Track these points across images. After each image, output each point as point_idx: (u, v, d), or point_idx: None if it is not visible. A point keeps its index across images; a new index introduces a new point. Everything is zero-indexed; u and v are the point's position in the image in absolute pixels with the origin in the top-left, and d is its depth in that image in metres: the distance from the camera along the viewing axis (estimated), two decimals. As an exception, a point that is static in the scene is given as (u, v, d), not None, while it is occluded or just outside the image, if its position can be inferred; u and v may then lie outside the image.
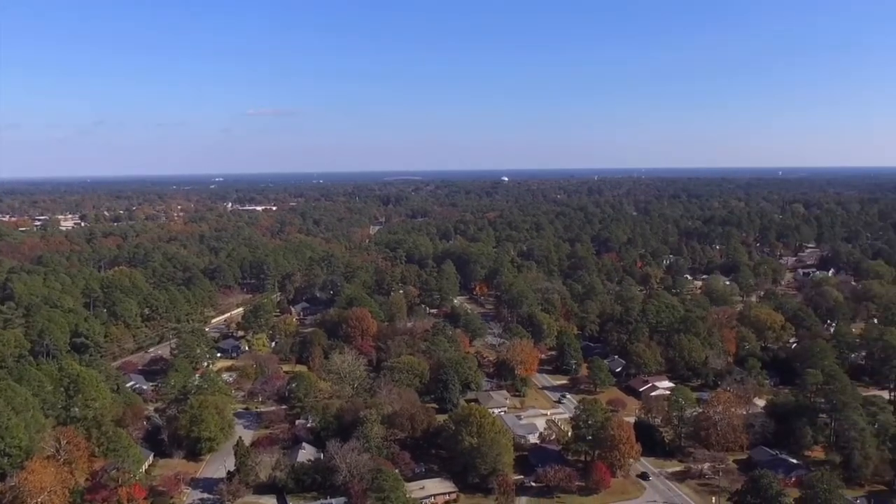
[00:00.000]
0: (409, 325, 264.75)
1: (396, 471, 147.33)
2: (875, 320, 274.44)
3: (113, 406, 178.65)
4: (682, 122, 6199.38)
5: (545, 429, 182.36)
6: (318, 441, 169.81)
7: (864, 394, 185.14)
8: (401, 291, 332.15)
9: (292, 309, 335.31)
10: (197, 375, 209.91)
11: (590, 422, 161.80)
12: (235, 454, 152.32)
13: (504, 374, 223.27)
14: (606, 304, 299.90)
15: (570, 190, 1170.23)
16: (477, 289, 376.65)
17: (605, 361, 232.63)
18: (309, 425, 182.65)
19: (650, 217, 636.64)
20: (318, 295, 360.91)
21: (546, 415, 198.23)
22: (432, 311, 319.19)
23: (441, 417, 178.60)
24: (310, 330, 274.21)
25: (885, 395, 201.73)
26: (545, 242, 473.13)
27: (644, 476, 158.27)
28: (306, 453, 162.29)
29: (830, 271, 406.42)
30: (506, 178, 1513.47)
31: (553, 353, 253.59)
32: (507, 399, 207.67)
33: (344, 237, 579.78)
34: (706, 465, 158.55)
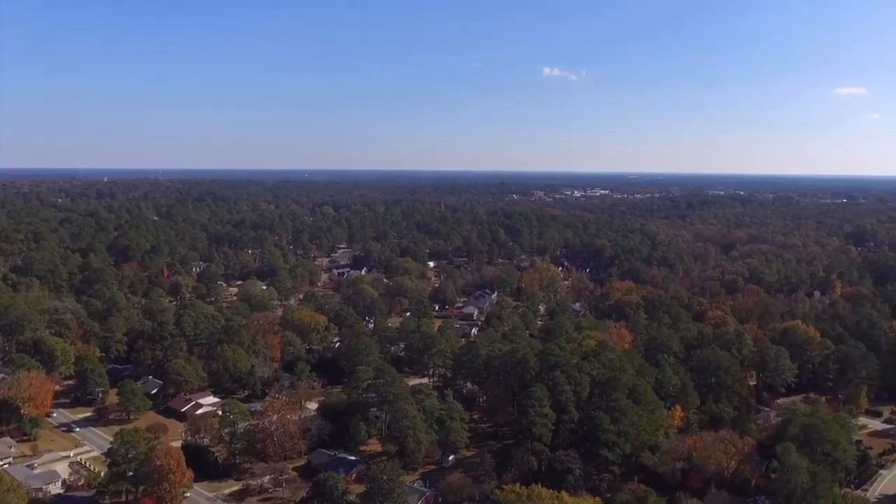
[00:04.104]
0: None
1: None
2: (409, 313, 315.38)
3: None
4: (203, 122, 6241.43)
5: (70, 474, 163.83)
6: None
7: (410, 383, 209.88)
8: None
9: None
10: None
11: (130, 455, 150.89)
12: None
13: (7, 416, 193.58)
14: (134, 319, 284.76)
15: (74, 193, 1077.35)
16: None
17: (139, 384, 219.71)
18: None
19: (174, 222, 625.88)
20: None
21: (69, 457, 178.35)
22: None
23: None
24: None
25: (426, 381, 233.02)
26: (48, 254, 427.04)
27: None
28: None
29: (364, 270, 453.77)
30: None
31: (72, 382, 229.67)
32: (12, 447, 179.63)
33: None
34: (266, 479, 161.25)
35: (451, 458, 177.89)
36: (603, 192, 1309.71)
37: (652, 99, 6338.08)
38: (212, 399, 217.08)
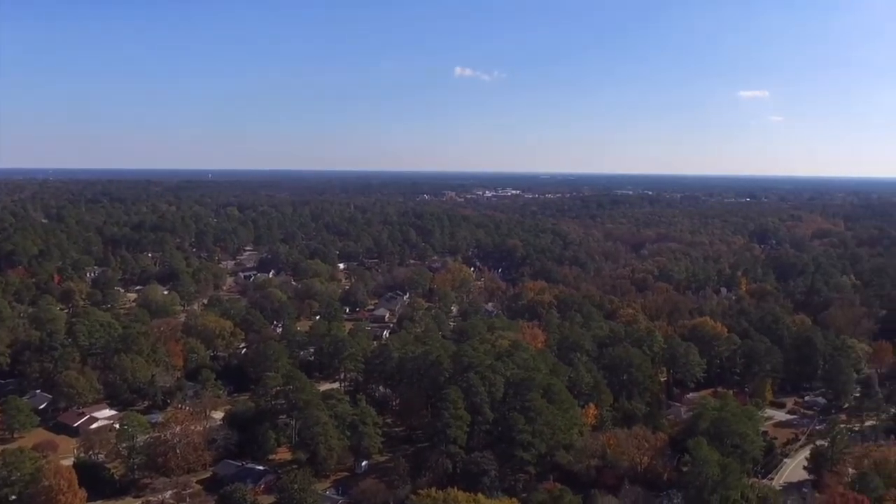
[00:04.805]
0: None
1: None
2: (319, 317, 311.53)
3: None
4: (95, 120, 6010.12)
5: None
6: None
7: (321, 389, 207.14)
8: None
9: None
10: None
11: (13, 477, 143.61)
12: None
13: None
14: (20, 329, 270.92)
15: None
16: None
17: (25, 399, 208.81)
18: None
19: (66, 224, 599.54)
20: None
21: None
22: None
23: None
24: None
25: (337, 385, 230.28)
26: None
27: None
28: None
29: (271, 272, 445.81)
30: None
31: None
32: None
33: None
34: (168, 494, 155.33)
35: (364, 463, 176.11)
36: (514, 192, 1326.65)
37: (563, 100, 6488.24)
38: (108, 412, 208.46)
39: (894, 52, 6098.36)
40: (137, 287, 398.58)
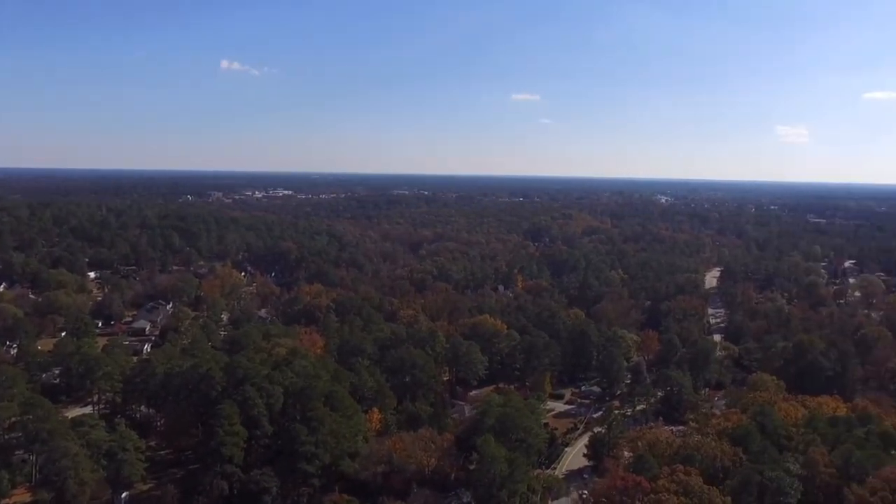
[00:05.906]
0: None
1: None
2: (64, 333, 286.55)
3: None
4: None
5: None
6: None
7: (70, 415, 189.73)
8: None
9: None
10: None
11: None
12: None
13: None
14: None
15: None
16: None
17: None
18: None
19: None
20: None
21: None
22: None
23: None
24: None
25: (90, 409, 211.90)
26: None
27: None
28: None
29: (3, 286, 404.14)
30: None
31: None
32: None
33: None
34: None
35: (124, 495, 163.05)
36: (286, 192, 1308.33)
37: (334, 97, 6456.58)
38: None
39: (649, 64, 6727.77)
40: None
